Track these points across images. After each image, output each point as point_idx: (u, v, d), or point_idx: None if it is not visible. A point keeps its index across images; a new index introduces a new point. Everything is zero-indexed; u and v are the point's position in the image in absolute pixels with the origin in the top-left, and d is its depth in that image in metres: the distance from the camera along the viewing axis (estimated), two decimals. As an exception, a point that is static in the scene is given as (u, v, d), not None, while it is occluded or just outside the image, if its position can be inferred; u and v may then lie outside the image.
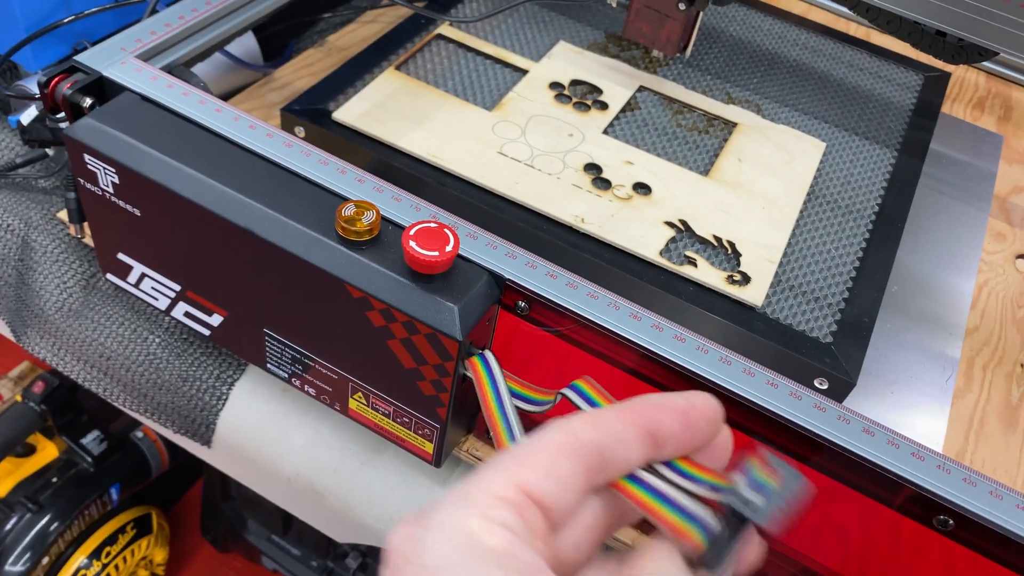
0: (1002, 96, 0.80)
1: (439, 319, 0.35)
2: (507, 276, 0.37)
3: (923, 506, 0.33)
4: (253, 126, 0.41)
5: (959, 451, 0.50)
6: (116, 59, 0.44)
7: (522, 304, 0.38)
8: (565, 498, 0.24)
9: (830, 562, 0.40)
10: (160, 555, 1.02)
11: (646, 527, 0.43)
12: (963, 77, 0.82)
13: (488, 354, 0.37)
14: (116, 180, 0.40)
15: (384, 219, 0.38)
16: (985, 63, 0.83)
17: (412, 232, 0.35)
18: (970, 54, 0.61)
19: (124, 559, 0.96)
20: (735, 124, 0.64)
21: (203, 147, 0.40)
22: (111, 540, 0.95)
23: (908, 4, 0.59)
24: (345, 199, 0.39)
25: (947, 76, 0.74)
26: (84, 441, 0.94)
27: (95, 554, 0.93)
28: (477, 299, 0.36)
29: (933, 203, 0.66)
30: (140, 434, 0.98)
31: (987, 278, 0.61)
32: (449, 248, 0.35)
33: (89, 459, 0.93)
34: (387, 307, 0.36)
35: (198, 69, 0.54)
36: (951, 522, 0.33)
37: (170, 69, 0.47)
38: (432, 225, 0.36)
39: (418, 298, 0.36)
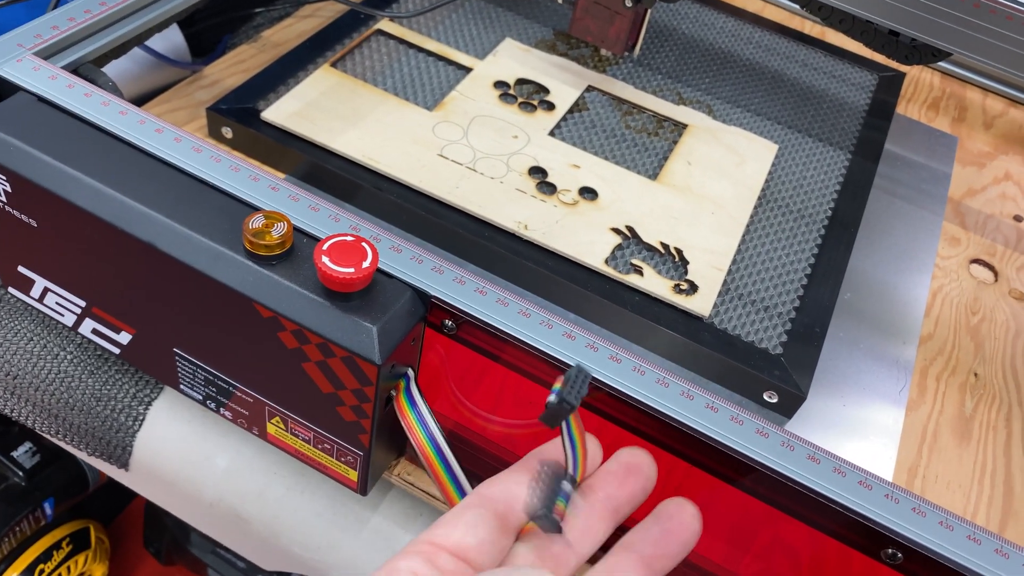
0: (956, 97, 0.79)
1: (356, 341, 0.33)
2: (433, 293, 0.35)
3: (871, 538, 0.31)
4: (160, 130, 0.38)
5: (912, 465, 0.48)
6: (11, 56, 0.41)
7: (449, 323, 0.35)
8: (477, 542, 0.27)
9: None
10: (99, 570, 0.98)
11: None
12: (918, 77, 0.81)
13: (412, 387, 0.35)
14: (8, 188, 0.37)
15: (298, 231, 0.36)
16: (940, 64, 0.82)
17: (325, 247, 0.32)
18: (924, 54, 0.59)
19: (60, 576, 0.92)
20: (685, 126, 0.62)
21: (104, 154, 0.37)
22: (45, 557, 0.91)
23: (861, 3, 0.57)
24: (257, 209, 0.36)
25: (902, 76, 0.72)
26: (15, 454, 0.90)
27: (28, 572, 0.89)
28: (399, 318, 0.34)
29: (887, 206, 0.65)
30: (76, 445, 0.94)
31: (941, 284, 0.60)
32: (367, 264, 0.33)
33: (20, 473, 0.89)
34: (299, 328, 0.33)
35: (115, 66, 0.51)
36: (900, 555, 0.31)
37: (76, 67, 0.44)
38: (348, 239, 0.33)
39: (333, 318, 0.33)
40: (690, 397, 0.33)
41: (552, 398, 0.27)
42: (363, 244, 0.33)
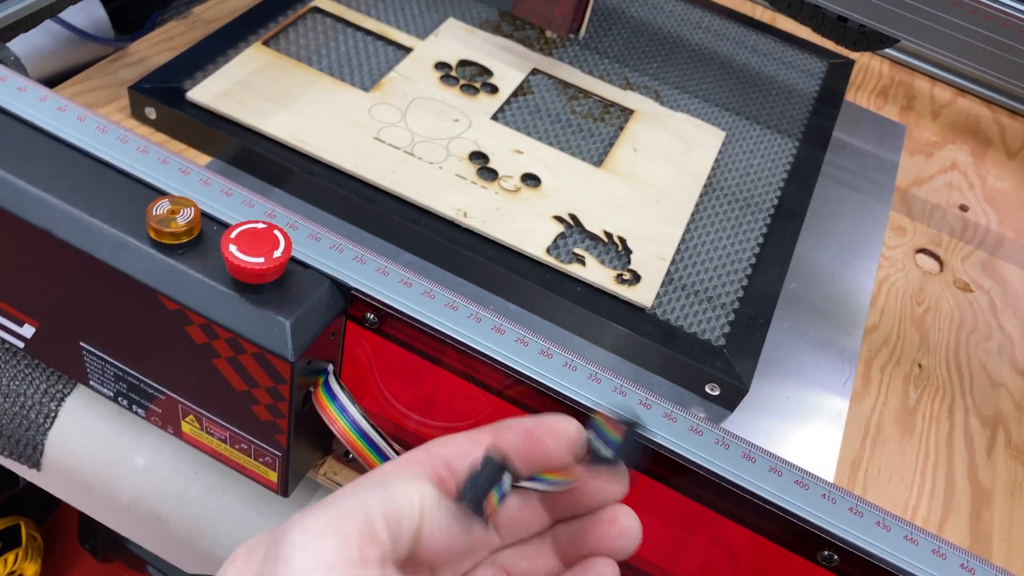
0: (905, 85, 0.79)
1: (267, 336, 0.30)
2: (353, 284, 0.33)
3: (807, 540, 0.30)
4: (62, 108, 0.36)
5: (855, 458, 0.48)
6: (-101, 26, 0.38)
7: (371, 316, 0.33)
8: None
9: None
10: (31, 569, 0.95)
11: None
12: (867, 65, 0.80)
13: (331, 380, 0.33)
14: None
15: (208, 217, 0.33)
16: (889, 51, 0.81)
17: (233, 235, 0.30)
18: (871, 40, 0.58)
19: (-12, 575, 0.89)
20: (632, 111, 0.61)
21: (-1, 133, 0.34)
22: (-28, 556, 0.87)
23: (808, -13, 0.56)
24: (164, 194, 0.33)
25: (851, 63, 0.72)
26: (-62, 449, 0.85)
27: (-46, 572, 0.85)
28: (315, 312, 0.32)
29: (835, 194, 0.64)
30: (5, 440, 0.90)
31: (887, 274, 0.59)
32: (278, 253, 0.30)
33: (-56, 469, 0.85)
34: (207, 322, 0.31)
35: (27, 41, 0.48)
36: (836, 557, 0.30)
37: (-26, 39, 0.41)
38: (259, 226, 0.31)
39: (243, 311, 0.31)
40: (622, 393, 0.32)
41: (607, 454, 0.27)
42: (275, 232, 0.31)
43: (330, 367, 0.34)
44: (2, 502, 0.92)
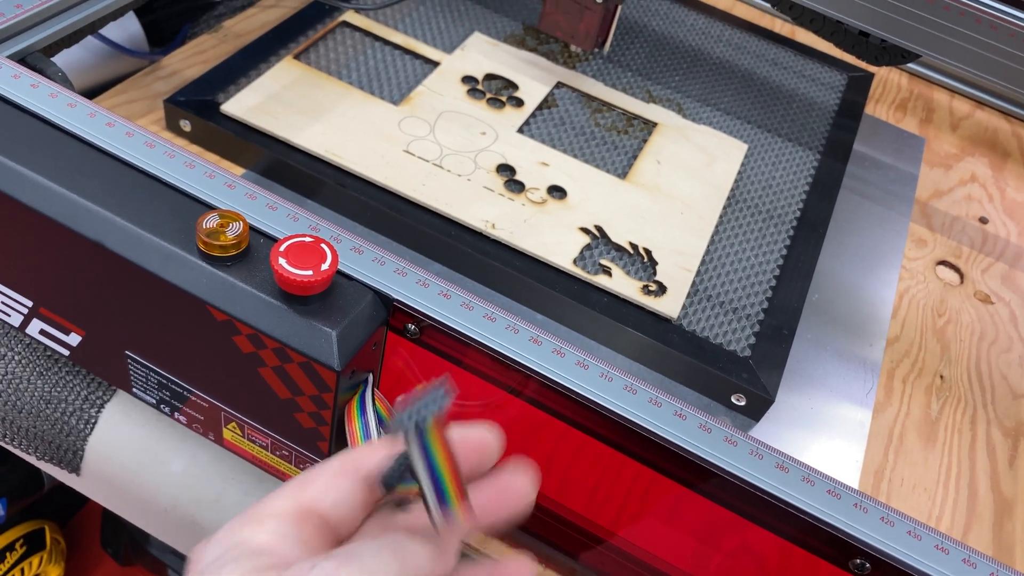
0: (924, 98, 0.80)
1: (314, 346, 0.31)
2: (395, 296, 0.34)
3: (839, 548, 0.31)
4: (111, 123, 0.37)
5: (879, 468, 0.48)
6: (-47, 44, 0.39)
7: (412, 327, 0.34)
8: (346, 511, 0.26)
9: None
10: (55, 572, 0.96)
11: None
12: (886, 78, 0.81)
13: (366, 394, 0.34)
14: (-52, 183, 0.35)
15: (255, 231, 0.34)
16: (908, 65, 0.82)
17: (282, 248, 0.31)
18: (893, 55, 0.59)
19: (14, 578, 0.90)
20: (655, 124, 0.62)
21: (51, 148, 0.36)
22: (-2, 559, 0.88)
23: (831, 3, 0.57)
24: (212, 207, 0.34)
25: (871, 76, 0.72)
26: (-35, 454, 0.87)
27: (-20, 575, 0.86)
28: (359, 323, 0.33)
29: (855, 207, 0.65)
30: (30, 444, 0.91)
31: (908, 286, 0.60)
32: (326, 266, 0.31)
33: (-29, 473, 0.86)
34: (255, 332, 0.32)
35: (67, 56, 0.49)
36: (868, 565, 0.30)
37: (23, 57, 0.42)
38: (307, 240, 0.32)
39: (290, 322, 0.32)
40: (658, 404, 0.33)
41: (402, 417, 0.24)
42: (322, 245, 0.32)
43: (369, 377, 0.35)
44: (27, 506, 0.93)
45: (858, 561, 0.31)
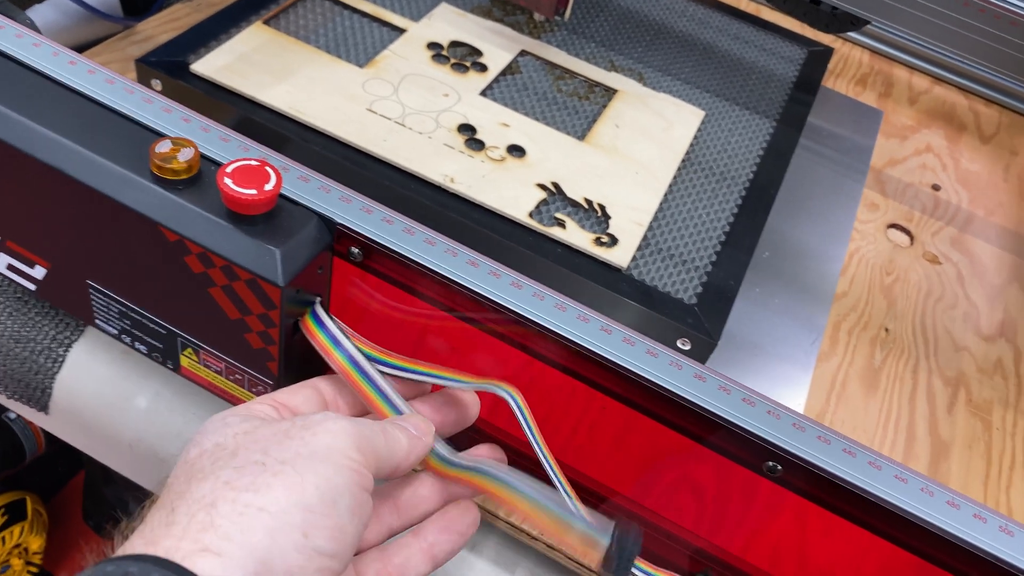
0: (884, 73, 0.82)
1: (259, 263, 0.33)
2: (339, 220, 0.36)
3: (755, 452, 0.33)
4: (74, 62, 0.39)
5: (819, 412, 0.50)
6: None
7: (355, 251, 0.36)
8: (307, 408, 0.34)
9: (683, 521, 0.39)
10: (36, 542, 0.97)
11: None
12: (847, 55, 0.83)
13: (318, 308, 0.36)
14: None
15: (208, 159, 0.36)
16: (869, 41, 0.84)
17: (229, 170, 0.33)
18: (843, 22, 0.61)
19: (-6, 547, 0.91)
20: (616, 91, 0.64)
21: (13, 82, 0.37)
22: (-21, 528, 0.90)
23: (782, -30, 0.59)
24: (164, 136, 0.36)
25: (830, 51, 0.75)
26: (-53, 423, 0.88)
27: (-39, 542, 0.88)
28: (303, 243, 0.34)
29: (811, 173, 0.67)
30: (12, 415, 0.93)
31: (858, 246, 0.62)
32: (269, 186, 0.33)
33: (-47, 442, 0.88)
34: (204, 251, 0.34)
35: (42, 16, 0.51)
36: (779, 467, 0.32)
37: (-6, 5, 0.44)
38: (253, 163, 0.34)
39: (237, 241, 0.33)
40: (608, 331, 0.35)
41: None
42: (267, 168, 0.34)
43: (318, 299, 0.36)
44: (8, 477, 0.95)
45: (770, 463, 0.32)
